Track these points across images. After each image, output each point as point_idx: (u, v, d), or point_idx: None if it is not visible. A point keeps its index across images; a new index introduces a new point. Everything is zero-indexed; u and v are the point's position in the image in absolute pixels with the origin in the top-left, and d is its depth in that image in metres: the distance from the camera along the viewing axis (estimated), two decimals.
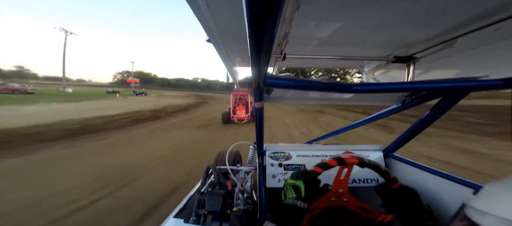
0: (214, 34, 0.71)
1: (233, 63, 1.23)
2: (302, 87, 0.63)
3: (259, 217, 0.86)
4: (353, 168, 1.13)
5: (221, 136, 6.68)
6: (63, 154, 4.54)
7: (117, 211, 2.49)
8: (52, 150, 4.78)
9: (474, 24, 0.59)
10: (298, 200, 0.65)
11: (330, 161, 0.78)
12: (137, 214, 2.41)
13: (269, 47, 0.33)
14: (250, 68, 0.44)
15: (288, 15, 0.53)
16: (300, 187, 0.68)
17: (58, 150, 4.84)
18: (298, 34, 0.73)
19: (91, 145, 5.33)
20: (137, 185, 3.18)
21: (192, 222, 0.95)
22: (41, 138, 5.57)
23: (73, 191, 2.94)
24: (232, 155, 2.12)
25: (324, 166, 0.77)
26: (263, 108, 0.84)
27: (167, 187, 3.06)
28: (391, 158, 1.23)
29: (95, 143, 5.52)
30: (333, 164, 0.77)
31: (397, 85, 0.67)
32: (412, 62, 0.86)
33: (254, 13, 0.25)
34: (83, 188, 3.04)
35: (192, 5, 0.48)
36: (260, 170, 1.14)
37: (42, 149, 4.78)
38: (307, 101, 1.14)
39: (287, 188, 0.71)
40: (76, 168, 3.79)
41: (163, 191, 2.95)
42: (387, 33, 0.73)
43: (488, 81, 0.63)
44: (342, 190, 0.83)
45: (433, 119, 0.90)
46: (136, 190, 3.00)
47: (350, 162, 0.79)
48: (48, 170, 3.69)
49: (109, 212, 2.47)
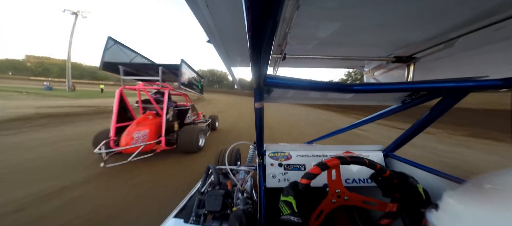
0: (214, 34, 0.71)
1: (233, 63, 1.23)
2: (302, 87, 0.63)
3: (259, 217, 0.86)
4: (352, 168, 1.13)
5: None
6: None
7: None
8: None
9: (474, 24, 0.59)
10: (292, 215, 0.68)
11: (313, 169, 0.79)
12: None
13: (269, 47, 0.33)
14: (250, 68, 0.44)
15: (288, 15, 0.53)
16: (292, 202, 0.71)
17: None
18: (298, 34, 0.73)
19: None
20: None
21: (192, 222, 0.95)
22: None
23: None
24: (232, 154, 2.12)
25: (309, 176, 0.78)
26: (263, 108, 0.84)
27: None
28: (391, 158, 1.23)
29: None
30: (317, 172, 0.78)
31: (397, 85, 0.67)
32: (412, 62, 0.86)
33: (254, 13, 0.25)
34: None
35: (192, 5, 0.48)
36: (260, 169, 1.14)
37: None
38: (307, 101, 1.14)
39: (281, 205, 0.74)
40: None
41: None
42: (387, 33, 0.73)
43: (488, 81, 0.63)
44: (339, 189, 0.84)
45: (433, 119, 0.90)
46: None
47: (332, 164, 0.80)
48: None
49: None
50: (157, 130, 3.59)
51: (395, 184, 0.82)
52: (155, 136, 3.52)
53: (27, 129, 5.03)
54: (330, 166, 0.79)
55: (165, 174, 2.96)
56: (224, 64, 1.12)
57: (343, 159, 0.80)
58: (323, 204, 0.83)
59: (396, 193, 0.82)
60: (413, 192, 0.77)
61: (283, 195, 0.76)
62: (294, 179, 1.13)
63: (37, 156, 3.34)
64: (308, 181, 0.78)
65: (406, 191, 0.79)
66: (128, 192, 2.40)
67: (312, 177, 0.78)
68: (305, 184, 0.77)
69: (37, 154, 3.45)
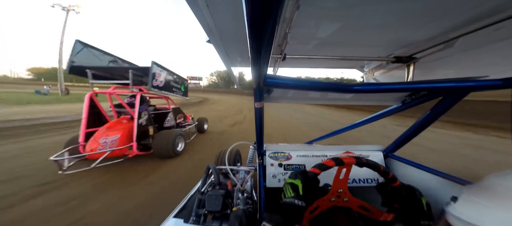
0: (214, 34, 0.72)
1: (233, 63, 1.23)
2: (302, 87, 0.63)
3: (259, 217, 0.86)
4: (353, 168, 1.13)
5: None
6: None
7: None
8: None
9: (474, 24, 0.59)
10: (296, 198, 0.65)
11: (328, 161, 0.78)
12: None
13: (269, 47, 0.33)
14: (250, 68, 0.44)
15: (288, 15, 0.53)
16: (298, 185, 0.69)
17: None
18: (298, 34, 0.73)
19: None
20: None
21: (192, 222, 0.95)
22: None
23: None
24: (232, 154, 2.12)
25: (322, 167, 0.77)
26: (263, 108, 0.84)
27: None
28: (391, 158, 1.23)
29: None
30: (331, 165, 0.77)
31: (397, 85, 0.67)
32: (412, 62, 0.86)
33: (254, 13, 0.25)
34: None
35: (192, 5, 0.49)
36: (260, 169, 1.14)
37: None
38: (307, 101, 1.14)
39: (285, 187, 0.71)
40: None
41: None
42: (387, 33, 0.73)
43: (488, 81, 0.63)
44: (342, 189, 0.83)
45: (433, 119, 0.90)
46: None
47: (348, 162, 0.79)
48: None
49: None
50: (130, 135, 3.46)
51: (400, 195, 0.79)
52: (127, 140, 3.41)
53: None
54: (345, 162, 0.78)
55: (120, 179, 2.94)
56: (224, 64, 1.12)
57: (359, 160, 0.79)
58: (320, 201, 0.82)
59: (396, 204, 0.80)
60: (417, 205, 0.75)
61: (290, 178, 0.73)
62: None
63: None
64: (319, 171, 0.76)
65: (409, 203, 0.77)
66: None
67: (325, 168, 0.76)
68: (315, 173, 0.75)
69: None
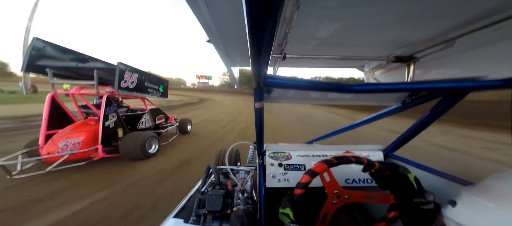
0: (214, 34, 0.72)
1: (233, 63, 1.24)
2: (302, 87, 0.63)
3: (259, 217, 0.86)
4: (351, 168, 1.13)
5: None
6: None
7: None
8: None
9: (474, 24, 0.59)
10: (291, 223, 0.75)
11: (304, 178, 0.80)
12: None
13: (269, 47, 0.33)
14: (250, 68, 0.44)
15: (288, 15, 0.54)
16: (289, 214, 0.79)
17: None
18: (298, 34, 0.73)
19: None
20: None
21: (192, 222, 0.95)
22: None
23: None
24: (232, 154, 2.13)
25: (302, 186, 0.79)
26: (263, 108, 0.84)
27: None
28: (391, 158, 1.23)
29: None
30: (308, 180, 0.79)
31: (397, 85, 0.67)
32: (412, 62, 0.86)
33: (254, 13, 0.25)
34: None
35: (192, 5, 0.49)
36: (260, 169, 1.14)
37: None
38: (307, 101, 1.14)
39: (281, 217, 0.80)
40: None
41: None
42: (387, 33, 0.73)
43: (487, 82, 0.63)
44: (337, 190, 0.84)
45: (433, 119, 0.90)
46: None
47: (320, 170, 0.80)
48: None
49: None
50: (96, 137, 3.34)
51: (388, 175, 0.82)
52: (92, 142, 3.29)
53: None
54: (318, 171, 0.79)
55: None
56: (224, 64, 1.12)
57: (330, 162, 0.81)
58: (325, 207, 0.84)
59: (387, 185, 0.83)
60: (405, 182, 0.78)
61: (281, 208, 0.81)
62: (294, 179, 1.13)
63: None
64: (302, 191, 0.79)
65: (398, 181, 0.79)
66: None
67: (305, 186, 0.79)
68: (300, 194, 0.79)
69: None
